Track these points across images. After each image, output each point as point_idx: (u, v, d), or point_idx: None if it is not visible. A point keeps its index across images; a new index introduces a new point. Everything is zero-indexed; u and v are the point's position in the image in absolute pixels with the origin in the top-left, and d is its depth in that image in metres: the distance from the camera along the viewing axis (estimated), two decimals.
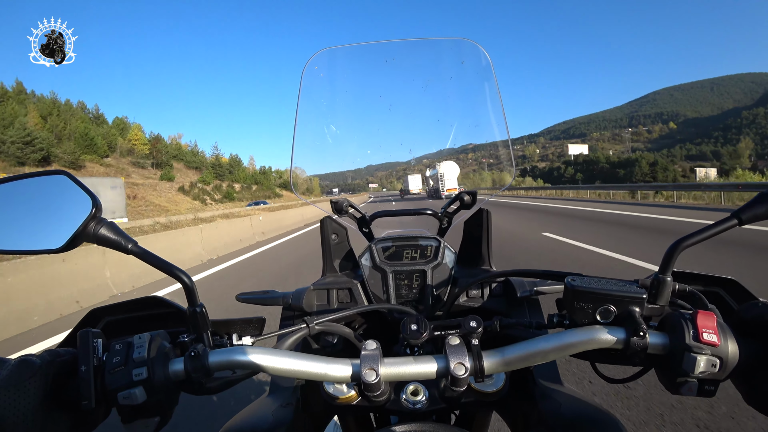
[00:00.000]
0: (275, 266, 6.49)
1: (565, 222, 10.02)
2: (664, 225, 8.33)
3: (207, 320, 0.47)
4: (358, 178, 1.57)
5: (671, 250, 0.43)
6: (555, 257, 5.65)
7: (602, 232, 7.87)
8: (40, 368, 0.39)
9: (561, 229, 8.53)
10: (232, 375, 0.48)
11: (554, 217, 11.67)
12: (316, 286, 0.73)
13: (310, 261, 6.46)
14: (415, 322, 0.48)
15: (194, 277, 2.23)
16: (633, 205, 14.50)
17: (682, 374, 0.39)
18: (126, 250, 0.45)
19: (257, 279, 5.58)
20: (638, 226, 8.42)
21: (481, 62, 0.88)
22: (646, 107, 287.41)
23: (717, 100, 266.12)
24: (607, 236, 7.22)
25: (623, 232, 7.60)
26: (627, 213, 11.44)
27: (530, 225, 9.74)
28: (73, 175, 0.47)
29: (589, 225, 9.15)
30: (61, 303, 4.37)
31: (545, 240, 7.28)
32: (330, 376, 0.44)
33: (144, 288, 5.44)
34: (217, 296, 4.59)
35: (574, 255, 5.69)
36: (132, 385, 0.40)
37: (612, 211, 12.48)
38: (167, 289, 5.13)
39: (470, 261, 0.82)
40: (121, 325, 0.57)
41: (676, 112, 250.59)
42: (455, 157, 1.57)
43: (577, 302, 0.45)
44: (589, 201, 19.56)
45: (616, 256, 5.37)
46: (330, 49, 0.87)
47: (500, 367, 0.44)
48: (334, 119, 0.96)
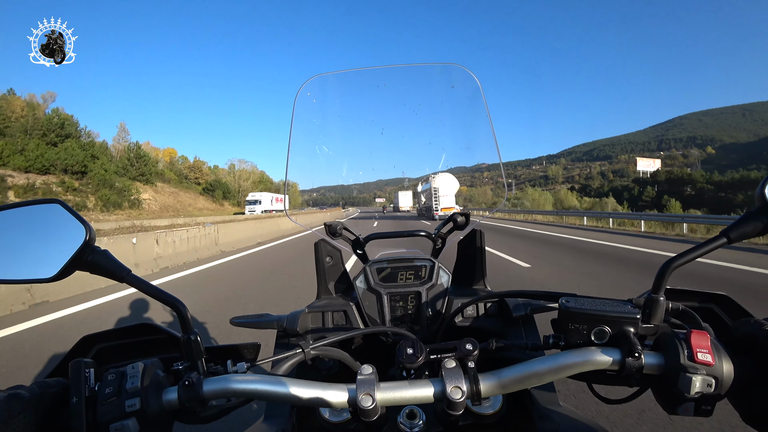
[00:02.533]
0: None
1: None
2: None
3: (201, 347, 0.47)
4: (365, 191, 1.54)
5: (663, 270, 0.43)
6: None
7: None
8: (29, 402, 0.38)
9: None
10: (227, 403, 0.47)
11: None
12: (311, 309, 0.73)
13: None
14: (411, 346, 0.48)
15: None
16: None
17: (678, 395, 0.39)
18: (120, 279, 0.45)
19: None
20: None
21: (470, 86, 0.90)
22: (673, 131, 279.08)
23: (751, 125, 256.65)
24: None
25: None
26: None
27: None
28: (66, 203, 0.47)
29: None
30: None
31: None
32: (325, 402, 0.43)
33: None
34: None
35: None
36: (125, 416, 0.39)
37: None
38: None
39: (465, 281, 0.82)
40: (114, 352, 0.57)
41: (710, 137, 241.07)
42: (453, 171, 1.47)
43: (571, 323, 0.45)
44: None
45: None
46: (322, 75, 0.90)
47: (497, 389, 0.44)
48: (328, 144, 0.98)
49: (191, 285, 5.60)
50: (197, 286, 5.50)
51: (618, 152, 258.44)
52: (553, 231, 14.10)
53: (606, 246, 9.09)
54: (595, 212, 20.45)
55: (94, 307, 4.53)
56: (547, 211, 22.52)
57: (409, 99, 1.01)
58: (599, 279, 5.31)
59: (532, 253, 8.04)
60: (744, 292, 4.36)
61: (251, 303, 4.40)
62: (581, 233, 12.97)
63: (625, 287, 4.75)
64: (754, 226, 0.42)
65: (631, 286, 4.78)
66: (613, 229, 15.07)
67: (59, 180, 34.58)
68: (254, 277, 6.01)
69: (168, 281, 5.91)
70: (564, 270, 6.05)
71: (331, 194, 1.43)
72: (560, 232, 13.64)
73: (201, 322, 3.64)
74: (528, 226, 16.95)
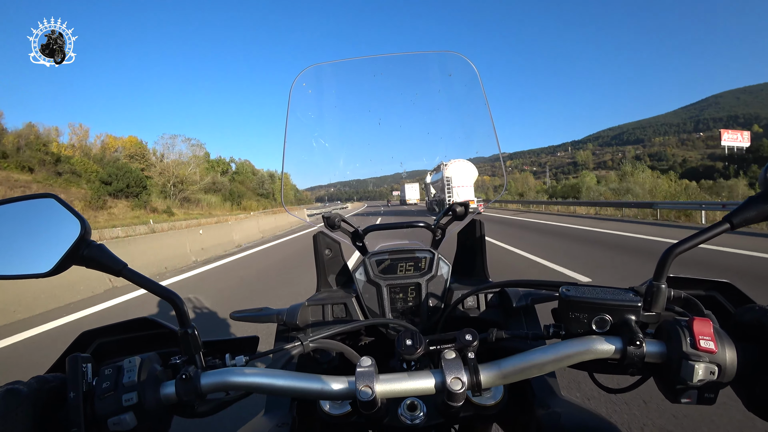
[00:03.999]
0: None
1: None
2: None
3: (198, 341, 0.47)
4: (382, 185, 1.50)
5: (665, 256, 0.43)
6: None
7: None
8: (27, 397, 0.38)
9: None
10: (225, 396, 0.48)
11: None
12: (310, 302, 0.73)
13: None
14: (410, 337, 0.48)
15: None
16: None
17: (680, 383, 0.39)
18: (117, 273, 0.45)
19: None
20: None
21: (468, 74, 0.89)
22: (709, 111, 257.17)
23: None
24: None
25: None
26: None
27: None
28: (61, 198, 0.47)
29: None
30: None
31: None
32: (325, 395, 0.43)
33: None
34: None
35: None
36: (122, 410, 0.39)
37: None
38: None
39: (465, 272, 0.81)
40: (112, 347, 0.57)
41: (753, 114, 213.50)
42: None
43: (572, 312, 0.45)
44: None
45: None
46: (317, 65, 0.88)
47: (497, 380, 0.43)
48: (324, 134, 0.96)
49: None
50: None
51: (650, 135, 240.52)
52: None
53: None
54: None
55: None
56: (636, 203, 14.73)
57: (406, 88, 0.99)
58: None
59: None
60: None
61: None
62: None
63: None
64: (758, 211, 0.42)
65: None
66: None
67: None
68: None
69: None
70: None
71: (346, 189, 1.41)
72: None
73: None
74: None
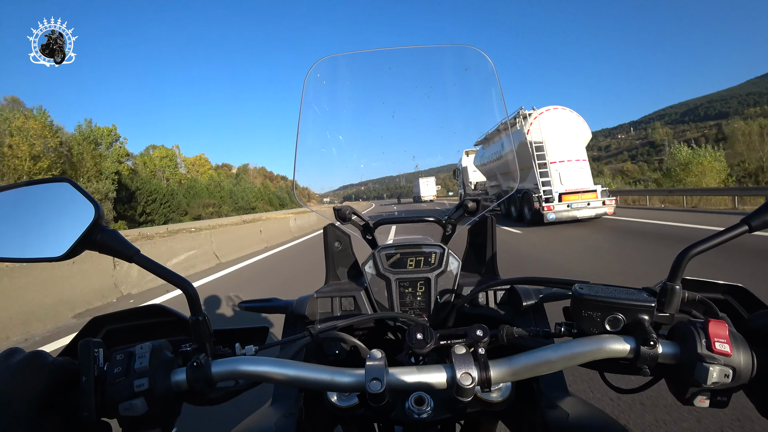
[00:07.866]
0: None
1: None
2: None
3: (209, 329, 0.47)
4: (413, 180, 1.48)
5: (680, 257, 0.42)
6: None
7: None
8: (50, 365, 0.39)
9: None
10: (234, 385, 0.48)
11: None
12: (319, 294, 0.73)
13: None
14: (421, 331, 0.48)
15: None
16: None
17: (694, 385, 0.38)
18: (129, 258, 0.45)
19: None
20: None
21: (484, 69, 0.88)
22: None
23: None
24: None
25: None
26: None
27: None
28: (75, 182, 0.47)
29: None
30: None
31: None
32: (334, 386, 0.43)
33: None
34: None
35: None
36: (133, 396, 0.40)
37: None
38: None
39: (475, 268, 0.81)
40: (122, 334, 0.57)
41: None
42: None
43: (585, 311, 0.44)
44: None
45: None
46: (332, 56, 0.87)
47: (507, 377, 0.43)
48: (337, 127, 0.95)
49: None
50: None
51: (735, 107, 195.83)
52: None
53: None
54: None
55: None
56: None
57: (421, 82, 0.97)
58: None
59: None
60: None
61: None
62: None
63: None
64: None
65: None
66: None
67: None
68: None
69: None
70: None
71: (376, 186, 1.41)
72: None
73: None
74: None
